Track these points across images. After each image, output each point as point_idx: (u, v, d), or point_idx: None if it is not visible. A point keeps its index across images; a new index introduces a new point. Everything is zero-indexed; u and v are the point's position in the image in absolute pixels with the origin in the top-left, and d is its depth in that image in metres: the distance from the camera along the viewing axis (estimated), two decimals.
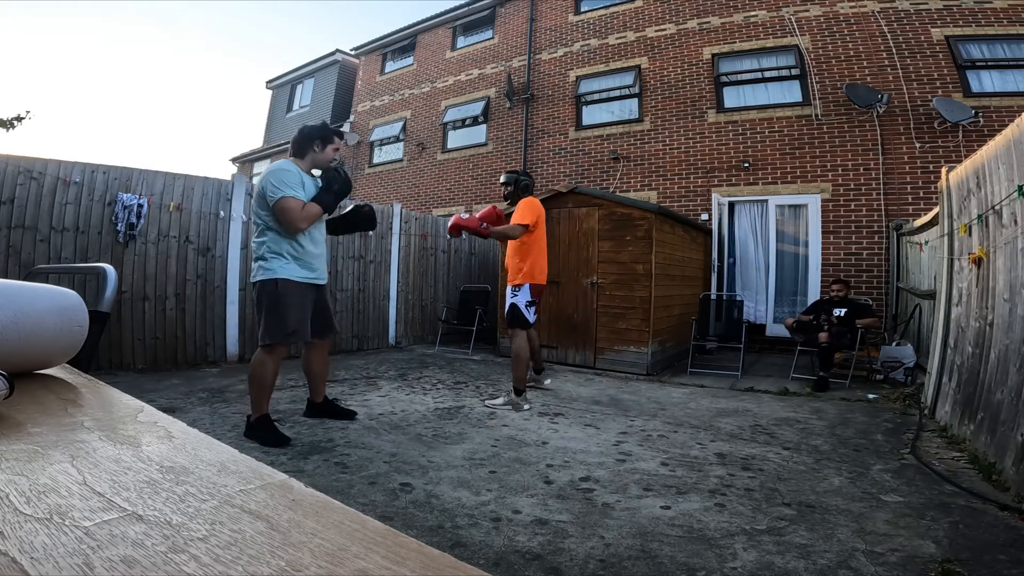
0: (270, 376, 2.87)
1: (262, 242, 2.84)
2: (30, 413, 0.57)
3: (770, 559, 1.79)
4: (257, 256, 2.86)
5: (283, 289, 2.81)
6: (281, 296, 2.81)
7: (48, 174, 4.37)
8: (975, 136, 6.40)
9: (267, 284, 2.81)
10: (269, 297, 2.81)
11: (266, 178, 2.79)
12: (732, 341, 5.66)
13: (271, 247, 2.83)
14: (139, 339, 4.78)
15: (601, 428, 3.41)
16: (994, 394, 2.70)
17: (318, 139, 2.96)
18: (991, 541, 1.93)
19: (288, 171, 2.82)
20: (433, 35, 12.22)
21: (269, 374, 2.86)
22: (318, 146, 2.96)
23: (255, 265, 2.87)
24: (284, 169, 2.82)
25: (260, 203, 2.83)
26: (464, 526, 2.00)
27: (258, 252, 2.85)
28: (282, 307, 2.81)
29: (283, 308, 2.81)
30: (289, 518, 0.37)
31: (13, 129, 7.68)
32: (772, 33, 7.96)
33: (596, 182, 9.11)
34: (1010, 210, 2.71)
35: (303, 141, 2.97)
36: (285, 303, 2.82)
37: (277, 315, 2.81)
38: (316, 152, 2.96)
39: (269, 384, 2.88)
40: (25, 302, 0.72)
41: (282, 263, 2.82)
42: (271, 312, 2.81)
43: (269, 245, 2.83)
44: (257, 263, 2.85)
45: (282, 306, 2.81)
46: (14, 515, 0.35)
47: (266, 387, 2.87)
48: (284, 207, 2.74)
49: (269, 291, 2.81)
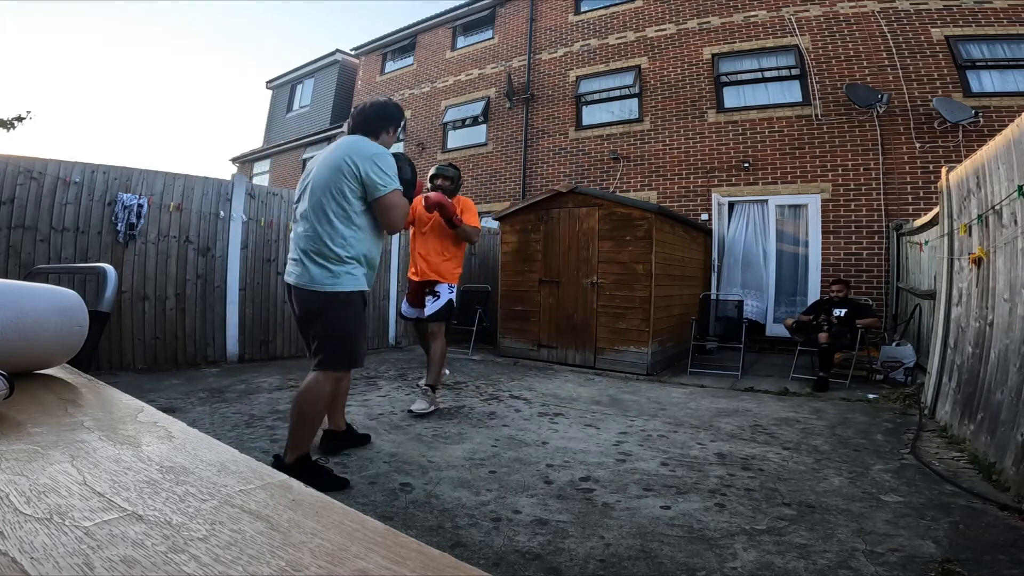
0: (326, 409, 2.40)
1: (334, 241, 2.21)
2: (30, 413, 0.57)
3: (770, 559, 1.79)
4: (322, 255, 2.21)
5: (366, 304, 2.38)
6: (362, 313, 2.34)
7: (48, 174, 4.37)
8: (975, 136, 6.40)
9: (352, 297, 2.26)
10: (354, 314, 2.28)
11: (365, 159, 2.23)
12: (732, 341, 5.66)
13: (355, 248, 2.25)
14: (139, 339, 4.78)
15: (601, 428, 3.41)
16: (994, 394, 2.70)
17: (395, 122, 2.51)
18: (991, 541, 1.93)
19: (390, 156, 2.31)
20: (433, 35, 12.22)
21: (326, 407, 2.39)
22: (392, 129, 2.51)
23: (315, 267, 2.22)
24: (386, 153, 2.30)
25: (348, 187, 2.22)
26: (464, 526, 2.00)
27: (323, 251, 2.21)
28: (361, 325, 2.35)
29: (362, 327, 2.36)
30: (289, 518, 0.37)
31: (13, 129, 7.69)
32: (772, 33, 7.96)
33: (596, 182, 9.11)
34: (1010, 210, 2.71)
35: (380, 120, 2.46)
36: (363, 321, 2.37)
37: (357, 334, 2.31)
38: (387, 135, 2.49)
39: (321, 420, 2.40)
40: (25, 302, 0.72)
41: (363, 271, 2.30)
42: (350, 330, 2.28)
43: (353, 245, 2.24)
44: (323, 264, 2.21)
45: (361, 324, 2.35)
46: (14, 515, 0.35)
47: (318, 423, 2.36)
48: (395, 202, 2.27)
49: (355, 305, 2.28)
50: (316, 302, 2.24)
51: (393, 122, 2.50)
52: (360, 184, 2.23)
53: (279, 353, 5.81)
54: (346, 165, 2.23)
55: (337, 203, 2.22)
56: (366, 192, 2.25)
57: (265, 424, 3.27)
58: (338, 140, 2.41)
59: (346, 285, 2.23)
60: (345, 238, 2.23)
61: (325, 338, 2.26)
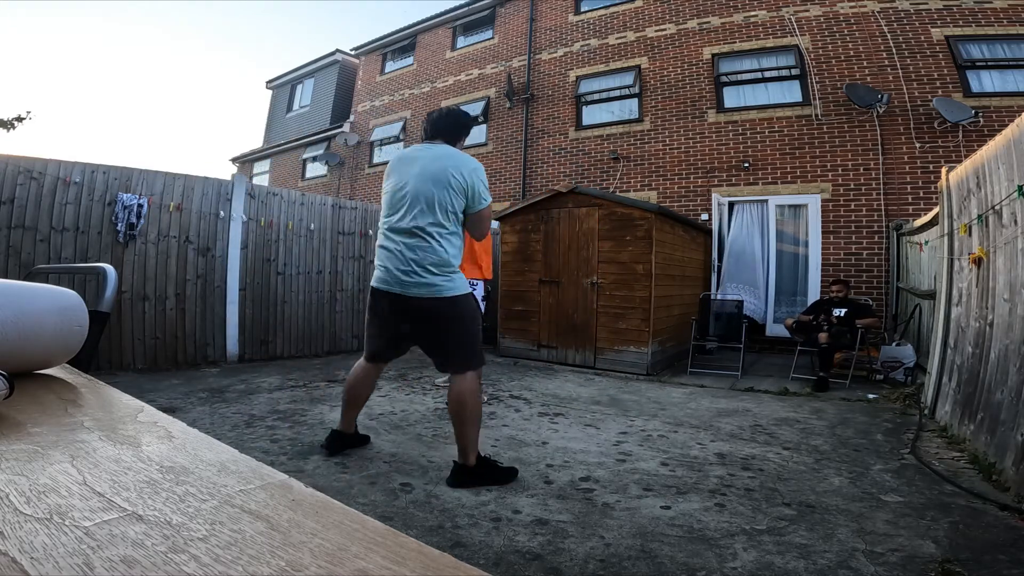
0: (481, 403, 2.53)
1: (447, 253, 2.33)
2: (30, 413, 0.57)
3: (770, 559, 1.79)
4: (440, 267, 2.30)
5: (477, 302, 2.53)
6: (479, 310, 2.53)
7: (48, 174, 4.37)
8: (975, 136, 6.40)
9: (469, 299, 2.43)
10: (473, 312, 2.44)
11: (470, 172, 2.34)
12: (732, 341, 5.66)
13: (456, 257, 2.39)
14: (139, 339, 4.78)
15: (601, 428, 3.41)
16: (994, 394, 2.70)
17: (467, 132, 2.61)
18: (991, 541, 1.93)
19: (482, 168, 2.45)
20: (433, 35, 12.22)
21: (481, 402, 2.51)
22: (463, 139, 2.58)
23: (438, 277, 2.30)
24: (480, 166, 2.42)
25: (453, 199, 2.32)
26: (464, 526, 2.00)
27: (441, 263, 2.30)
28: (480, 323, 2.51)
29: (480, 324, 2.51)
30: (289, 518, 0.37)
31: (13, 129, 7.68)
32: (772, 33, 7.96)
33: (596, 182, 9.11)
34: (1010, 210, 2.71)
35: (464, 129, 2.57)
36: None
37: (479, 332, 2.49)
38: (461, 143, 2.57)
39: (481, 414, 2.52)
40: (25, 302, 0.72)
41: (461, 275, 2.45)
42: (476, 329, 2.45)
43: (459, 253, 2.41)
44: (443, 274, 2.31)
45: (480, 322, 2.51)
46: (14, 515, 0.35)
47: (481, 418, 2.49)
48: (489, 215, 2.44)
49: (472, 307, 2.45)
50: (451, 308, 2.33)
51: (466, 132, 2.61)
52: (465, 197, 2.35)
53: (279, 353, 5.81)
54: (454, 179, 2.32)
55: (448, 214, 2.33)
56: (468, 204, 2.37)
57: (265, 424, 3.27)
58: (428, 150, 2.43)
59: (463, 288, 2.38)
60: (455, 247, 2.37)
61: (463, 340, 2.37)
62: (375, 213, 6.95)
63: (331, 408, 3.71)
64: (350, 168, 13.15)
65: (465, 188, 2.32)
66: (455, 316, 2.34)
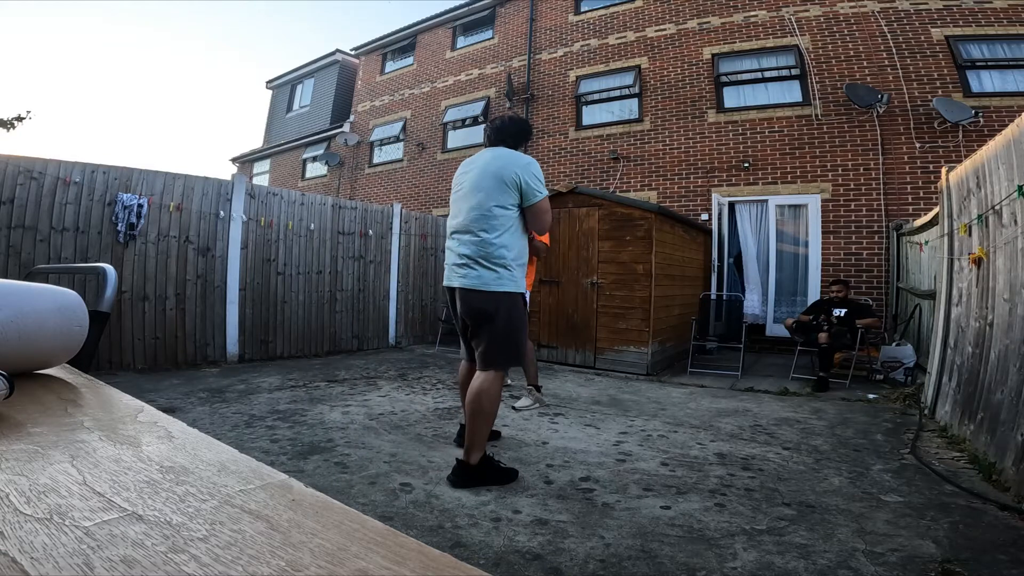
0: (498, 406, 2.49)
1: (501, 246, 2.35)
2: (30, 413, 0.57)
3: (770, 559, 1.79)
4: (491, 260, 2.33)
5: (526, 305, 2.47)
6: (526, 314, 2.47)
7: (48, 174, 4.37)
8: (975, 136, 6.40)
9: (517, 298, 2.40)
10: (519, 313, 2.42)
11: (521, 168, 2.39)
12: (732, 341, 5.66)
13: (517, 252, 2.40)
14: (139, 339, 4.78)
15: (601, 428, 3.41)
16: (994, 394, 2.70)
17: (529, 139, 2.69)
18: (991, 541, 1.93)
19: (537, 164, 2.48)
20: (433, 35, 12.22)
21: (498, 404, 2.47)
22: (523, 146, 2.64)
23: (485, 271, 2.33)
24: (536, 164, 2.47)
25: (505, 194, 2.36)
26: (464, 526, 2.00)
27: (493, 256, 2.34)
28: (526, 326, 2.47)
29: (526, 328, 2.48)
30: (289, 518, 0.37)
31: (13, 129, 7.70)
32: (772, 33, 7.96)
33: (596, 182, 9.11)
34: (1010, 210, 2.71)
35: (523, 135, 2.62)
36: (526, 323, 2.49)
37: (522, 334, 2.46)
38: (524, 147, 2.65)
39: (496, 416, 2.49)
40: (25, 302, 0.72)
41: (522, 275, 2.44)
42: (517, 330, 2.41)
43: (513, 249, 2.39)
44: (493, 268, 2.33)
45: (526, 325, 2.47)
46: (14, 515, 0.35)
47: (494, 420, 2.47)
48: (546, 208, 2.45)
49: (520, 306, 2.43)
50: (488, 303, 2.35)
51: (529, 139, 2.69)
52: (519, 192, 2.39)
53: (279, 353, 5.81)
54: (507, 175, 2.37)
55: (499, 207, 2.37)
56: (522, 199, 2.40)
57: (265, 424, 3.27)
58: (486, 153, 2.52)
59: (510, 286, 2.36)
60: (507, 244, 2.37)
61: (495, 338, 2.37)
62: (375, 213, 6.95)
63: (331, 408, 3.71)
64: (350, 168, 13.15)
65: (518, 182, 2.36)
66: (489, 312, 2.35)
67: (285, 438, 3.00)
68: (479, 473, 2.38)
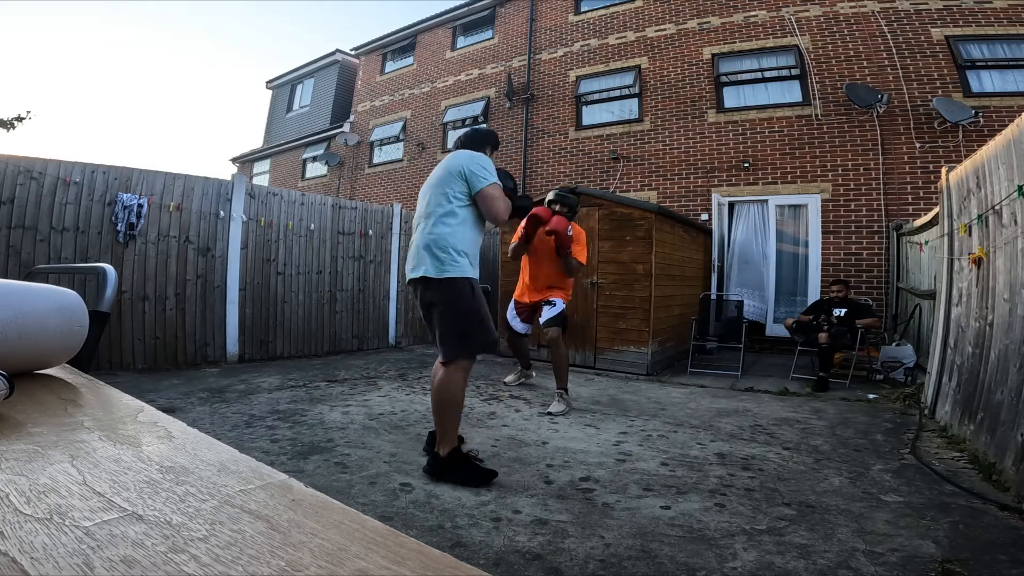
0: (463, 398, 2.46)
1: (445, 233, 2.36)
2: (30, 413, 0.57)
3: (770, 559, 1.79)
4: (436, 246, 2.35)
5: (478, 290, 2.41)
6: (480, 298, 2.41)
7: (48, 174, 4.37)
8: (975, 136, 6.40)
9: (461, 283, 2.35)
10: (465, 299, 2.36)
11: (466, 160, 2.44)
12: (732, 341, 5.66)
13: (460, 241, 2.38)
14: (139, 339, 4.78)
15: (601, 428, 3.41)
16: (994, 394, 2.70)
17: (490, 145, 2.74)
18: (991, 541, 1.93)
19: (488, 159, 2.53)
20: (433, 35, 12.22)
21: (463, 396, 2.45)
22: (489, 150, 2.71)
23: (430, 258, 2.35)
24: (485, 157, 2.53)
25: (451, 184, 2.42)
26: (464, 526, 2.00)
27: (438, 242, 2.35)
28: (480, 311, 2.40)
29: (481, 312, 2.41)
30: (289, 518, 0.37)
31: (13, 129, 7.69)
32: (772, 33, 7.96)
33: (596, 182, 9.11)
34: (1010, 210, 2.71)
35: (480, 140, 2.72)
36: (484, 306, 2.43)
37: (478, 320, 2.39)
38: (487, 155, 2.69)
39: (462, 409, 2.47)
40: (25, 302, 0.72)
41: (469, 262, 2.41)
42: (469, 317, 2.37)
43: (458, 237, 2.38)
44: (436, 254, 2.34)
45: (480, 310, 2.40)
46: (14, 515, 0.35)
47: (459, 413, 2.46)
48: (494, 193, 2.43)
49: (465, 291, 2.36)
50: (433, 289, 2.37)
51: (492, 144, 2.77)
52: (465, 181, 2.43)
53: (279, 353, 5.81)
54: (454, 167, 2.46)
55: (445, 197, 2.42)
56: (470, 188, 2.43)
57: (265, 424, 3.27)
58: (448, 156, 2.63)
59: (455, 272, 2.35)
60: (455, 232, 2.39)
61: (444, 325, 2.38)
62: (375, 213, 6.95)
63: (331, 408, 3.71)
64: (350, 168, 13.15)
65: (463, 172, 2.42)
66: (440, 300, 2.36)
67: (285, 438, 3.00)
68: (448, 466, 2.40)
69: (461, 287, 2.36)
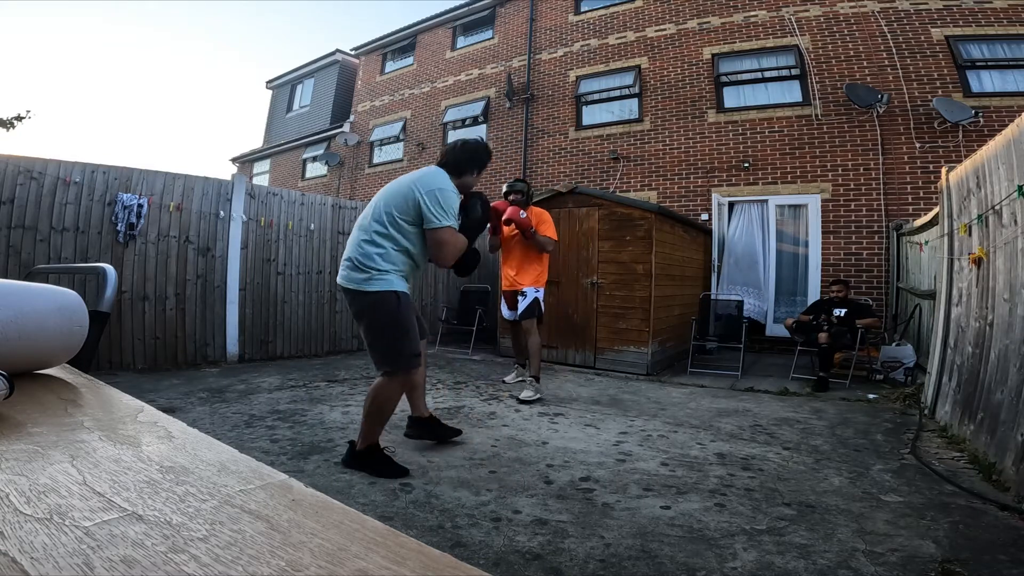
0: (393, 408, 2.52)
1: (377, 252, 2.36)
2: (30, 413, 0.57)
3: (770, 559, 1.79)
4: (362, 262, 2.36)
5: (404, 304, 2.39)
6: (405, 312, 2.39)
7: (48, 174, 4.37)
8: (975, 136, 6.40)
9: (387, 297, 2.35)
10: (390, 313, 2.36)
11: (428, 191, 2.36)
12: (732, 341, 5.66)
13: (389, 259, 2.38)
14: (139, 339, 4.78)
15: (601, 428, 3.41)
16: (994, 394, 2.70)
17: (479, 165, 2.64)
18: (991, 541, 1.93)
19: (455, 195, 2.45)
20: (433, 35, 12.22)
21: (393, 406, 2.51)
22: (476, 171, 2.63)
23: (357, 272, 2.37)
24: (452, 191, 2.44)
25: (402, 208, 2.38)
26: (464, 526, 2.00)
27: (367, 259, 2.36)
28: (406, 324, 2.40)
29: (408, 325, 2.40)
30: (289, 518, 0.37)
31: (13, 129, 7.70)
32: (772, 33, 7.96)
33: (596, 182, 9.11)
34: (1010, 210, 2.71)
35: (471, 161, 2.60)
36: (409, 320, 2.41)
37: (402, 334, 2.39)
38: (469, 176, 2.61)
39: (388, 416, 2.53)
40: (25, 302, 0.72)
41: (398, 277, 2.40)
42: (394, 330, 2.38)
43: (390, 258, 2.38)
44: (364, 270, 2.36)
45: (406, 323, 2.40)
46: (14, 515, 0.35)
47: (385, 419, 2.52)
48: (445, 239, 2.39)
49: (390, 305, 2.36)
50: (357, 302, 2.41)
51: (480, 165, 2.64)
52: (417, 212, 2.37)
53: (279, 353, 5.81)
54: (410, 191, 2.39)
55: (389, 220, 2.38)
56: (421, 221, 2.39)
57: (265, 424, 3.27)
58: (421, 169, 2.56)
59: (378, 286, 2.35)
60: (385, 252, 2.37)
61: (369, 338, 2.46)
62: None
63: (331, 408, 3.71)
64: (350, 168, 13.15)
65: (418, 201, 2.36)
66: (364, 314, 2.40)
67: (285, 438, 3.00)
68: (361, 458, 2.52)
69: (385, 301, 2.36)
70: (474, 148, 2.63)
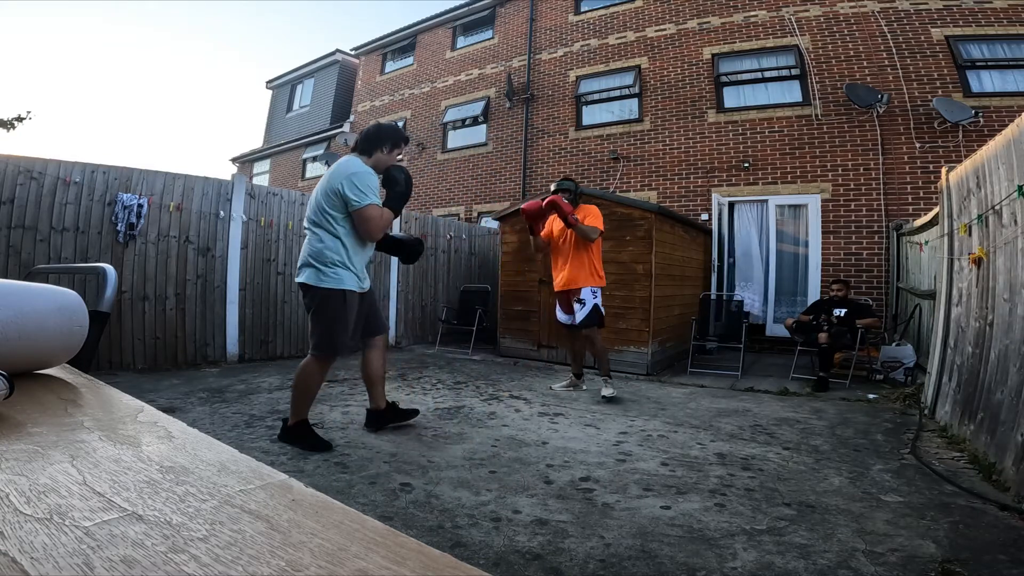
0: (317, 385, 2.84)
1: (324, 248, 2.68)
2: (30, 413, 0.57)
3: (770, 559, 1.79)
4: (316, 259, 2.68)
5: (349, 302, 2.72)
6: (347, 309, 2.72)
7: (48, 174, 4.37)
8: (975, 136, 6.40)
9: (335, 294, 2.68)
10: (333, 309, 2.69)
11: (344, 178, 2.64)
12: (732, 341, 5.66)
13: (337, 253, 2.68)
14: (139, 339, 4.78)
15: (601, 428, 3.41)
16: (994, 394, 2.70)
17: (389, 141, 2.86)
18: (991, 541, 1.93)
19: (370, 174, 2.71)
20: (433, 35, 12.22)
21: (317, 383, 2.83)
22: (387, 148, 2.85)
23: (311, 269, 2.68)
24: (365, 172, 2.69)
25: (332, 203, 2.66)
26: (464, 526, 2.00)
27: (318, 256, 2.68)
28: (344, 320, 2.72)
29: (344, 321, 2.72)
30: (289, 518, 0.37)
31: (13, 129, 7.69)
32: (772, 33, 7.96)
33: (596, 182, 9.11)
34: (1010, 210, 2.71)
35: (374, 140, 2.85)
36: (347, 317, 2.73)
37: (338, 327, 2.71)
38: (383, 153, 2.85)
39: (314, 392, 2.85)
40: (25, 302, 0.72)
41: (347, 274, 2.70)
42: (332, 323, 2.70)
43: (338, 251, 2.69)
44: (317, 266, 2.67)
45: (344, 319, 2.72)
46: (14, 515, 0.35)
47: (311, 395, 2.83)
48: (369, 215, 2.65)
49: (335, 302, 2.69)
50: (310, 296, 2.72)
51: (386, 141, 2.86)
52: (341, 200, 2.65)
53: (279, 353, 5.81)
54: (334, 184, 2.67)
55: (323, 214, 2.68)
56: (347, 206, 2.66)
57: (265, 424, 3.27)
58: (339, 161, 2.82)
59: (329, 283, 2.67)
60: (332, 247, 2.68)
61: (313, 325, 2.76)
62: None
63: (331, 408, 3.71)
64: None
65: (340, 191, 2.64)
66: (313, 305, 2.72)
67: None
68: (292, 433, 2.80)
69: (333, 298, 2.68)
70: (376, 128, 2.91)
